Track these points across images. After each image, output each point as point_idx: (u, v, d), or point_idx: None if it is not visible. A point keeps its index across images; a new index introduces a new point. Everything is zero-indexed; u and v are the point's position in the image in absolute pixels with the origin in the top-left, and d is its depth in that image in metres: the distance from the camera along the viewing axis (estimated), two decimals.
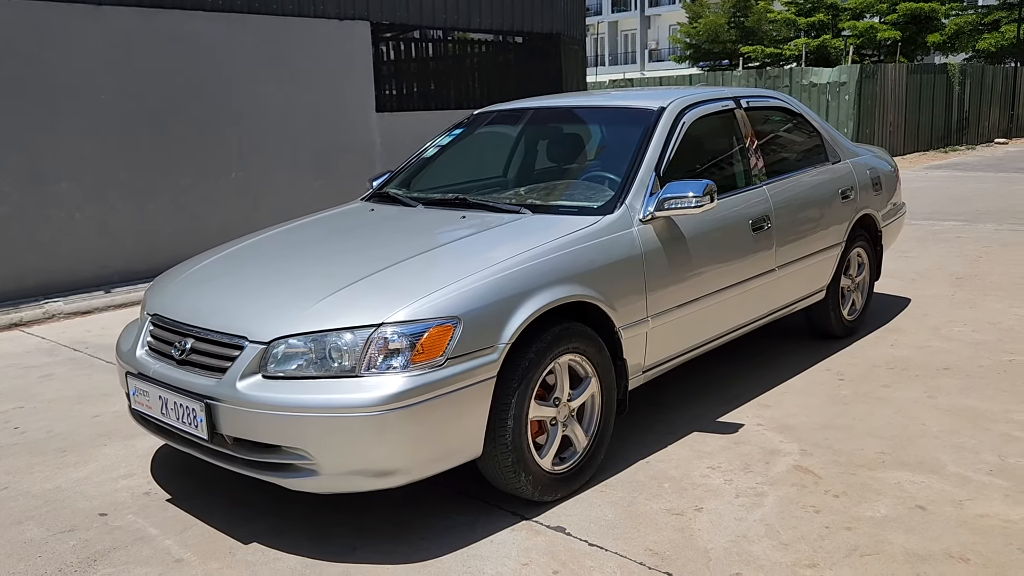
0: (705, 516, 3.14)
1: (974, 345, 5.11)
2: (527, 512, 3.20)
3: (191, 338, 3.10)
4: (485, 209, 3.81)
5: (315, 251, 3.71)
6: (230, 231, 7.74)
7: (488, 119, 4.82)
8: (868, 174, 5.39)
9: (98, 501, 3.42)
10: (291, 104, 8.17)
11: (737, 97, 4.56)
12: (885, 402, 4.23)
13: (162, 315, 3.30)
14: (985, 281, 6.77)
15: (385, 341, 2.81)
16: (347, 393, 2.75)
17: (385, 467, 2.82)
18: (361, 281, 3.08)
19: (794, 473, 3.47)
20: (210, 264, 3.68)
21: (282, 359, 2.88)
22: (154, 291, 3.56)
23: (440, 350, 2.84)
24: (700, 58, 35.68)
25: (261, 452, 2.89)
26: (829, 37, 31.60)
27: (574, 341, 3.24)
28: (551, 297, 3.15)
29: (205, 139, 7.63)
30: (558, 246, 3.32)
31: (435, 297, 2.92)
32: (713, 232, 3.96)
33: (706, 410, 4.18)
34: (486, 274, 3.07)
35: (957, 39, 30.69)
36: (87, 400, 4.63)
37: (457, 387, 2.86)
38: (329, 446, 2.77)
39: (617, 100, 4.41)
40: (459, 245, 3.40)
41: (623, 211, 3.61)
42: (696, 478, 3.46)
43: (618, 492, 3.36)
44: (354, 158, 8.71)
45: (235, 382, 2.87)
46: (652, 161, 3.80)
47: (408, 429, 2.78)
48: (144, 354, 3.28)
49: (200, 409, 2.91)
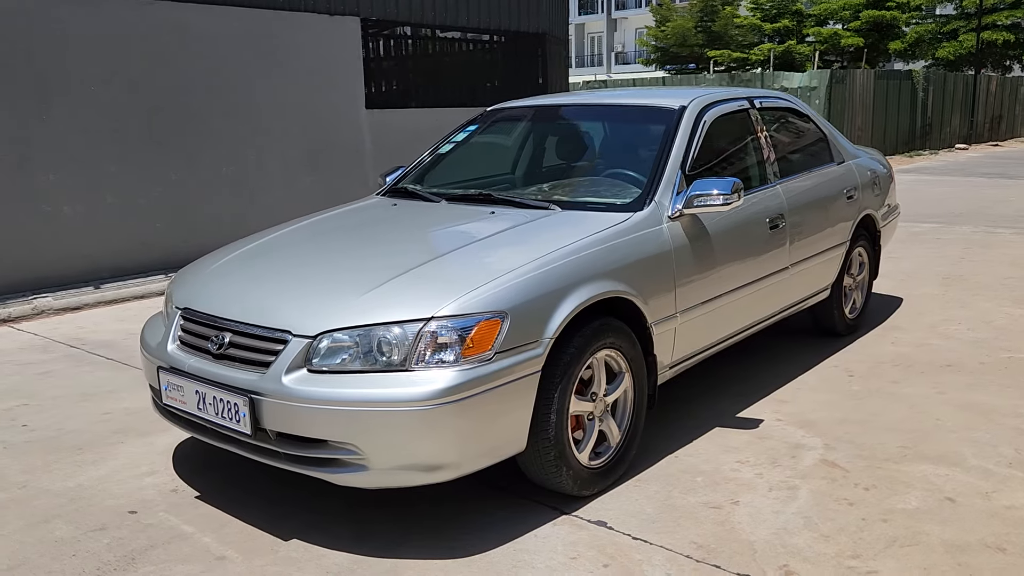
0: (743, 509, 3.18)
1: (972, 343, 5.22)
2: (565, 507, 3.20)
3: (228, 332, 3.06)
4: (513, 205, 3.81)
5: (347, 245, 3.67)
6: (221, 227, 7.67)
7: (501, 116, 4.82)
8: (869, 175, 5.49)
9: (125, 499, 3.35)
10: (282, 99, 8.08)
11: (750, 97, 4.62)
12: (897, 398, 4.31)
13: (194, 309, 3.25)
14: (972, 281, 6.93)
15: (435, 335, 2.80)
16: (399, 387, 2.73)
17: (435, 462, 2.80)
18: (404, 275, 3.06)
19: (822, 467, 3.52)
20: (238, 257, 3.62)
21: (327, 353, 2.85)
22: (181, 284, 3.50)
23: (489, 344, 2.84)
24: (667, 61, 35.96)
25: (306, 447, 2.86)
26: (794, 43, 32.09)
27: (610, 337, 3.26)
28: (592, 292, 3.17)
29: (196, 133, 7.52)
30: (595, 241, 3.34)
31: (482, 291, 2.91)
32: (735, 230, 4.00)
33: (724, 406, 4.22)
34: (529, 268, 3.07)
35: (917, 47, 31.38)
36: (93, 397, 4.54)
37: (504, 381, 2.85)
38: (380, 441, 2.75)
39: (635, 98, 4.43)
40: (496, 240, 3.39)
41: (652, 208, 3.63)
42: (727, 472, 3.49)
43: (653, 486, 3.38)
44: (344, 154, 8.65)
45: (281, 376, 2.83)
46: (678, 159, 3.83)
47: (458, 424, 2.77)
48: (176, 348, 3.22)
49: (243, 404, 2.87)
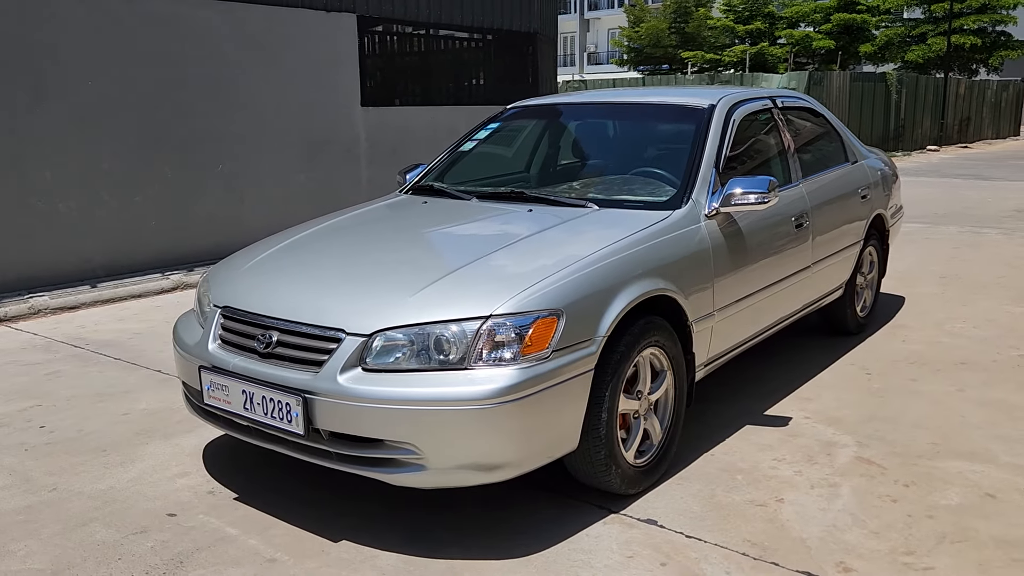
0: (789, 507, 3.19)
1: (980, 341, 5.30)
2: (612, 505, 3.19)
3: (275, 331, 3.00)
4: (549, 203, 3.79)
5: (387, 242, 3.62)
6: (217, 225, 7.56)
7: (520, 114, 4.80)
8: (879, 175, 5.55)
9: (161, 501, 3.28)
10: (277, 95, 7.98)
11: (772, 96, 4.64)
12: (918, 395, 4.36)
13: (236, 307, 3.18)
14: (968, 280, 7.04)
15: (493, 333, 2.77)
16: (459, 386, 2.70)
17: (494, 461, 2.78)
18: (455, 273, 3.03)
19: (859, 464, 3.55)
20: (275, 255, 3.56)
21: (381, 352, 2.81)
22: (218, 282, 3.43)
23: (546, 342, 2.82)
24: (641, 62, 36.15)
25: (361, 447, 2.81)
26: (767, 45, 32.42)
27: (655, 335, 3.25)
28: (641, 290, 3.16)
29: (191, 129, 7.39)
30: (640, 239, 3.33)
31: (538, 288, 2.89)
32: (765, 229, 4.02)
33: (750, 404, 4.24)
34: (580, 266, 3.05)
35: (887, 50, 31.86)
36: (108, 398, 4.44)
37: (561, 380, 2.84)
38: (440, 440, 2.72)
39: (660, 97, 4.43)
40: (543, 237, 3.36)
41: (690, 206, 3.64)
42: (766, 470, 3.50)
43: (695, 484, 3.38)
44: (339, 152, 8.56)
45: (336, 375, 2.79)
46: (711, 157, 3.84)
47: (518, 423, 2.75)
48: (217, 348, 3.16)
49: (296, 403, 2.82)
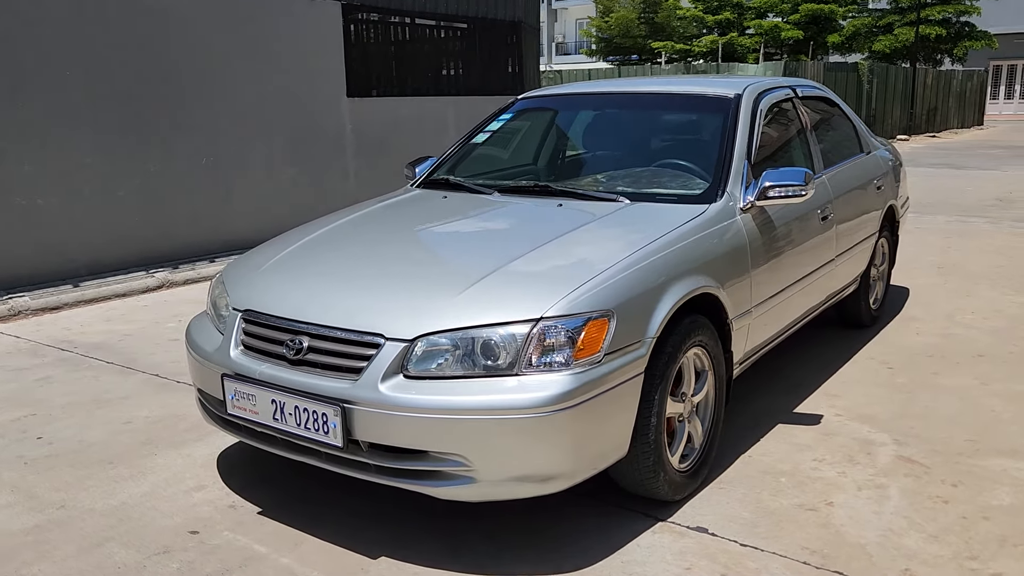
0: (840, 511, 3.08)
1: (992, 333, 5.25)
2: (659, 513, 3.06)
3: (305, 336, 2.81)
4: (577, 197, 3.64)
5: (415, 239, 3.45)
6: (203, 220, 7.32)
7: (533, 105, 4.64)
8: (890, 165, 5.48)
9: (180, 518, 3.08)
10: (263, 87, 7.72)
11: (792, 86, 4.53)
12: (944, 390, 4.29)
13: (259, 311, 2.99)
14: (967, 270, 7.02)
15: (543, 337, 2.61)
16: (511, 394, 2.55)
17: (549, 471, 2.62)
18: (495, 273, 2.86)
19: (901, 464, 3.46)
20: (295, 253, 3.36)
21: (424, 358, 2.64)
22: (236, 284, 3.22)
23: (598, 345, 2.67)
24: (611, 52, 36.10)
25: (404, 459, 2.65)
26: (736, 35, 32.50)
27: (699, 334, 3.12)
28: (687, 288, 3.03)
29: (174, 121, 7.11)
30: (682, 234, 3.19)
31: (588, 288, 2.74)
32: (795, 222, 3.90)
33: (776, 401, 4.13)
34: (627, 263, 2.90)
35: (854, 40, 32.09)
36: (106, 405, 4.21)
37: (613, 384, 2.69)
38: (492, 451, 2.56)
39: (680, 86, 4.28)
40: (582, 233, 3.21)
41: (725, 200, 3.51)
42: (808, 471, 3.40)
43: (739, 489, 3.26)
44: (325, 144, 8.32)
45: (376, 384, 2.61)
46: (743, 149, 3.71)
47: (572, 431, 2.60)
48: (240, 354, 2.96)
49: (334, 414, 2.64)
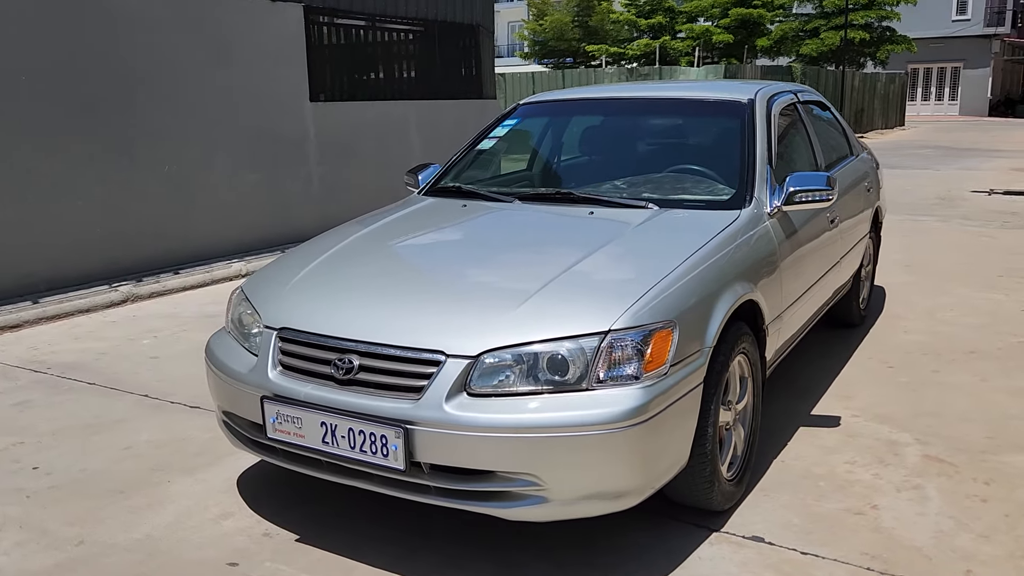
0: (886, 514, 3.09)
1: (976, 329, 5.39)
2: (710, 523, 3.02)
3: (354, 355, 2.68)
4: (603, 204, 3.57)
5: (451, 251, 3.33)
6: (167, 232, 7.05)
7: (537, 111, 4.57)
8: (874, 166, 5.58)
9: (213, 550, 2.91)
10: (223, 91, 7.46)
11: (794, 91, 4.56)
12: (948, 387, 4.37)
13: (298, 328, 2.84)
14: (933, 268, 7.20)
15: (612, 349, 2.54)
16: (584, 409, 2.47)
17: (621, 487, 2.55)
18: (551, 284, 2.78)
19: (930, 463, 3.49)
20: (323, 266, 3.21)
21: (487, 374, 2.55)
22: (265, 301, 3.05)
23: (664, 357, 2.61)
24: (546, 55, 36.31)
25: (469, 480, 2.54)
26: (668, 39, 33.03)
27: (744, 341, 3.10)
28: (735, 295, 3.00)
29: (134, 127, 6.81)
30: (724, 241, 3.16)
31: (650, 299, 2.68)
32: (810, 226, 3.92)
33: (791, 405, 4.14)
34: (681, 272, 2.86)
35: (782, 44, 32.99)
36: (101, 430, 3.98)
37: (679, 396, 2.64)
38: (564, 469, 2.48)
39: (688, 91, 4.28)
40: (626, 242, 3.15)
41: (754, 205, 3.49)
42: (843, 475, 3.40)
43: (782, 495, 3.24)
44: (288, 150, 8.09)
45: (441, 403, 2.51)
46: (764, 153, 3.71)
47: (644, 445, 2.53)
48: (279, 375, 2.81)
49: (395, 436, 2.52)
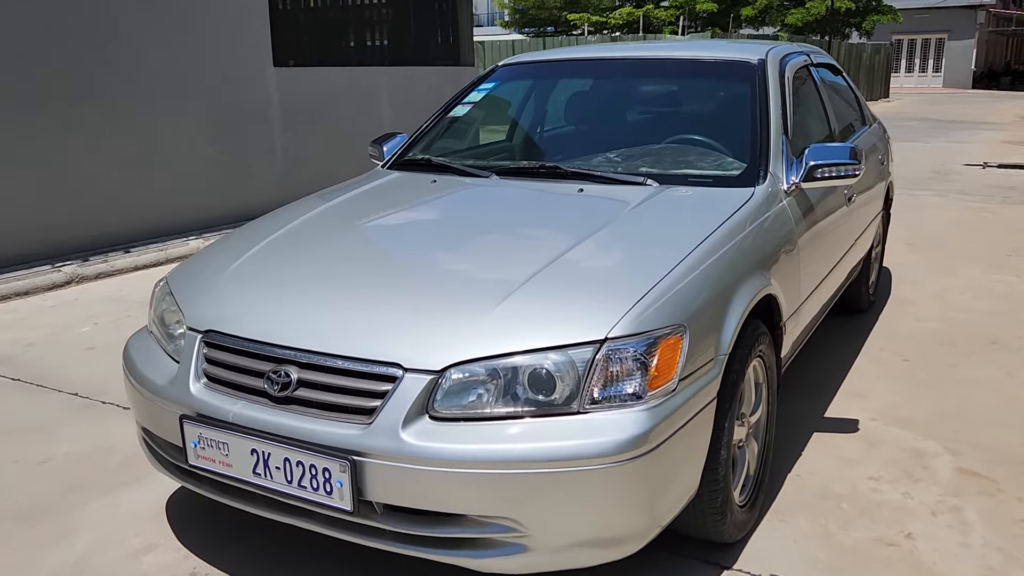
0: (924, 545, 2.64)
1: (992, 315, 4.97)
2: (720, 558, 2.56)
3: (293, 366, 2.19)
4: (595, 180, 3.08)
5: (418, 237, 2.81)
6: (114, 212, 6.50)
7: (519, 73, 4.05)
8: (886, 138, 5.11)
9: None
10: (177, 56, 6.85)
11: (806, 52, 4.07)
12: (970, 384, 3.94)
13: (225, 332, 2.34)
14: (937, 245, 6.79)
15: (610, 362, 2.06)
16: (577, 439, 1.99)
17: (620, 532, 2.08)
18: (534, 279, 2.29)
19: (965, 479, 3.06)
20: (264, 254, 2.70)
21: (454, 392, 2.07)
22: (191, 295, 2.54)
23: (672, 370, 2.14)
24: (526, 24, 35.44)
25: (433, 524, 2.07)
26: (652, 7, 32.31)
27: (761, 343, 2.63)
28: (753, 290, 2.53)
29: (78, 93, 6.20)
30: (737, 225, 2.68)
31: (653, 298, 2.19)
32: (828, 202, 3.45)
33: (802, 405, 3.69)
34: (690, 264, 2.37)
35: (767, 13, 32.37)
36: (16, 437, 3.47)
37: (689, 417, 2.17)
38: (550, 512, 2.00)
39: (694, 51, 3.76)
40: (622, 226, 2.65)
41: (769, 182, 3.01)
42: (868, 493, 2.96)
43: (800, 520, 2.79)
44: (249, 119, 7.50)
45: (397, 429, 2.02)
46: (779, 121, 3.22)
47: (649, 479, 2.06)
48: (204, 389, 2.31)
49: (340, 469, 2.04)
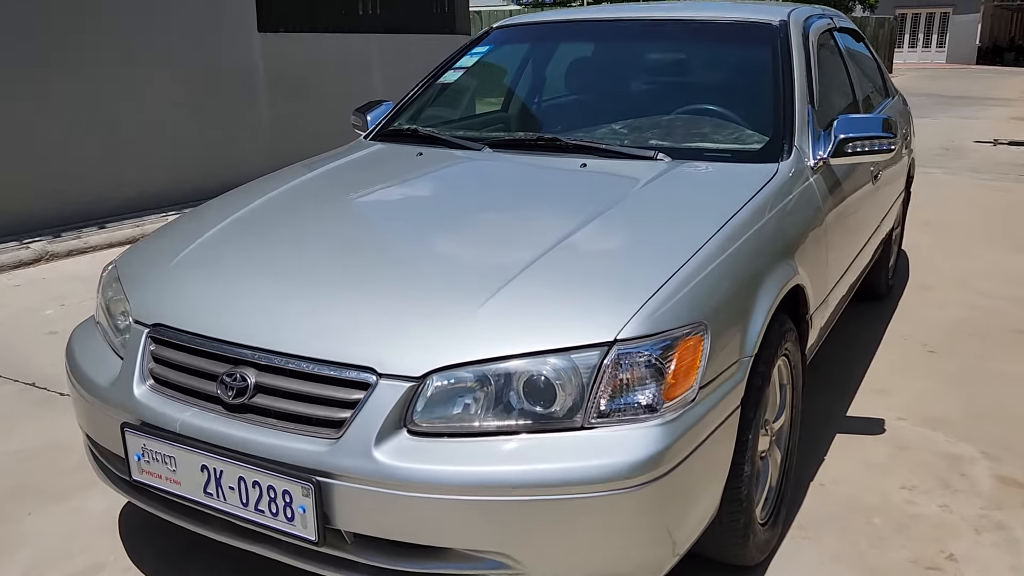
0: (969, 568, 2.35)
1: (1018, 302, 4.67)
2: None
3: (251, 367, 1.87)
4: (599, 154, 2.75)
5: (399, 219, 2.47)
6: (91, 179, 6.12)
7: (515, 36, 3.69)
8: (909, 111, 4.77)
9: None
10: (157, 17, 6.47)
11: (829, 15, 3.72)
12: (1003, 379, 3.64)
13: (175, 327, 2.02)
14: (951, 225, 6.49)
15: (620, 368, 1.75)
16: (579, 459, 1.68)
17: (630, 567, 1.78)
18: (531, 269, 1.96)
19: (1008, 490, 2.76)
20: (223, 236, 2.37)
21: (437, 403, 1.75)
22: (138, 283, 2.22)
23: (692, 376, 1.82)
24: None
25: (414, 558, 1.76)
26: None
27: (786, 341, 2.32)
28: (780, 280, 2.21)
29: (49, 60, 5.84)
30: (760, 206, 2.35)
31: (669, 292, 1.87)
32: (852, 180, 3.13)
33: (821, 402, 3.38)
34: (710, 252, 2.05)
35: None
36: None
37: (711, 430, 1.86)
38: (550, 545, 1.70)
39: (706, 12, 3.40)
40: (632, 206, 2.32)
41: (795, 157, 2.68)
42: (901, 505, 2.66)
43: (828, 538, 2.49)
44: (234, 86, 7.13)
45: (369, 445, 1.71)
46: (803, 90, 2.88)
47: (666, 506, 1.76)
48: (149, 392, 1.99)
49: (304, 492, 1.73)
